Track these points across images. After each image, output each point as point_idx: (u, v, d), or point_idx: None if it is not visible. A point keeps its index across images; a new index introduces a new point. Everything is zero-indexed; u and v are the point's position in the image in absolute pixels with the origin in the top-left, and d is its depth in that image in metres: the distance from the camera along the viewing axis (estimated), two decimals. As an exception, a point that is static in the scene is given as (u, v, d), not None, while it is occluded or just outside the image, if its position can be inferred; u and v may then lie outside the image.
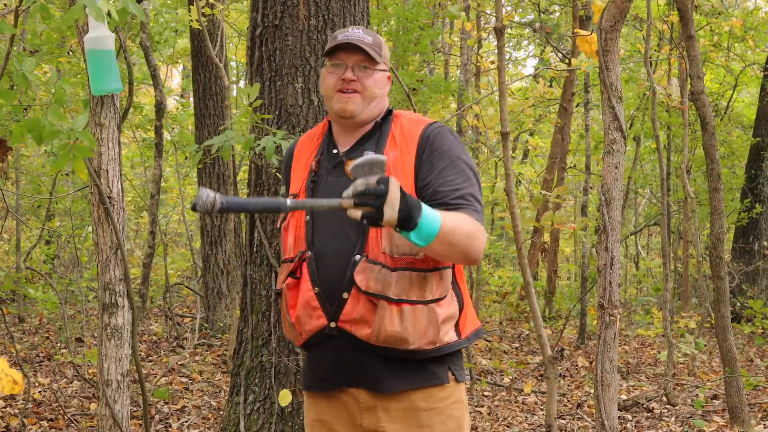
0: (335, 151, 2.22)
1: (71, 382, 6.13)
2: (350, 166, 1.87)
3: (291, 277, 2.16)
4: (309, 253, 2.13)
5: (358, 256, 2.07)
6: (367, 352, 2.10)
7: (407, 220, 1.86)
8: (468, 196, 2.09)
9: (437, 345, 2.11)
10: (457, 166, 2.12)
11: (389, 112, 2.25)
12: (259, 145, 3.60)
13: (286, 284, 2.18)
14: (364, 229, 2.07)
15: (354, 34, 2.17)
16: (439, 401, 2.14)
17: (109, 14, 2.82)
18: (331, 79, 2.18)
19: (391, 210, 1.82)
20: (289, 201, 1.85)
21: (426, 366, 2.13)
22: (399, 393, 2.11)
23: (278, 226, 2.26)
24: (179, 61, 12.66)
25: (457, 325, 2.16)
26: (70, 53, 7.65)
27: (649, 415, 5.76)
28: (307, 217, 2.16)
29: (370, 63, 2.17)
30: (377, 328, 2.05)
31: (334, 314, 2.09)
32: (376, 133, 2.21)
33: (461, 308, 2.17)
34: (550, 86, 12.28)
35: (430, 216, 1.92)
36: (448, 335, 2.13)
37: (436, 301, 2.10)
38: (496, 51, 8.32)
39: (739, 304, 10.32)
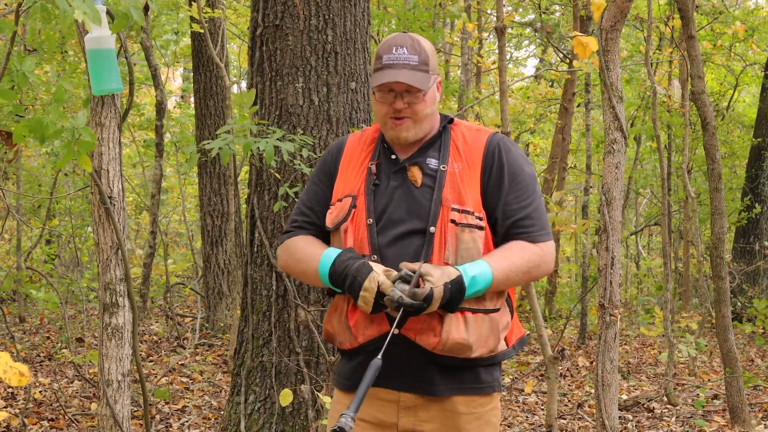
0: (394, 157, 2.21)
1: (72, 382, 6.13)
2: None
3: None
4: (375, 257, 2.12)
5: None
6: (425, 359, 2.10)
7: (449, 307, 2.03)
8: (531, 214, 2.15)
9: (493, 353, 2.15)
10: (521, 181, 2.17)
11: (450, 121, 2.24)
12: (258, 147, 3.57)
13: None
14: (430, 239, 2.09)
15: (399, 57, 2.12)
16: (479, 406, 2.17)
17: (110, 15, 2.82)
18: (381, 107, 2.17)
19: (431, 309, 2.01)
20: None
21: (478, 373, 2.16)
22: (446, 396, 2.13)
23: (330, 226, 2.19)
24: (179, 62, 12.65)
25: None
26: (66, 53, 7.63)
27: (649, 414, 5.76)
28: (370, 219, 2.14)
29: (418, 89, 2.15)
30: (445, 337, 2.06)
31: (399, 322, 2.06)
32: (437, 141, 2.20)
33: (511, 317, 2.21)
34: (551, 86, 12.28)
35: (479, 279, 2.04)
36: (501, 344, 2.17)
37: (495, 311, 2.13)
38: (496, 51, 8.33)
39: (739, 303, 10.31)
